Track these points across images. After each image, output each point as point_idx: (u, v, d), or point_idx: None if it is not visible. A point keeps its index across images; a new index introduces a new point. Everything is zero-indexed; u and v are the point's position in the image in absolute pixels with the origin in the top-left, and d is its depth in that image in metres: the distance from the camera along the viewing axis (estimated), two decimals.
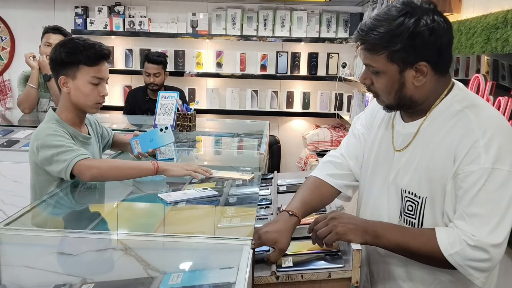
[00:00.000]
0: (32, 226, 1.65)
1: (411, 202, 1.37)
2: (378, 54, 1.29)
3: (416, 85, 1.31)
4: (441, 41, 1.28)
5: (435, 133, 1.33)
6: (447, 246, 1.26)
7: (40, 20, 4.74)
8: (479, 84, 1.99)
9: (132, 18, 4.87)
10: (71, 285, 1.19)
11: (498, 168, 1.22)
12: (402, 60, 1.28)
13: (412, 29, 1.25)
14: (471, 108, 1.31)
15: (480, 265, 1.24)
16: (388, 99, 1.37)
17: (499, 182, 1.22)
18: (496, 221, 1.22)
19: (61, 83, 1.93)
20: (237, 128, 3.83)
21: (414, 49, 1.26)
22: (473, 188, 1.23)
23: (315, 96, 5.05)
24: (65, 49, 1.92)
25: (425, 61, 1.28)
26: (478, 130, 1.25)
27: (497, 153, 1.23)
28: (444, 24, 1.28)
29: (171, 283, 1.17)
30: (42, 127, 1.92)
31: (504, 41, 1.83)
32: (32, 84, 3.42)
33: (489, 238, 1.22)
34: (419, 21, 1.25)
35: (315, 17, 4.85)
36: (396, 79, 1.31)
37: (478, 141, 1.24)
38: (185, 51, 4.97)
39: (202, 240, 1.47)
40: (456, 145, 1.27)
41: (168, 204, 1.71)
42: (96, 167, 1.80)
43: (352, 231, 1.35)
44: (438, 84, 1.34)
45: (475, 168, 1.23)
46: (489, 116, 1.30)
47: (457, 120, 1.30)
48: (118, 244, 1.45)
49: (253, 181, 2.01)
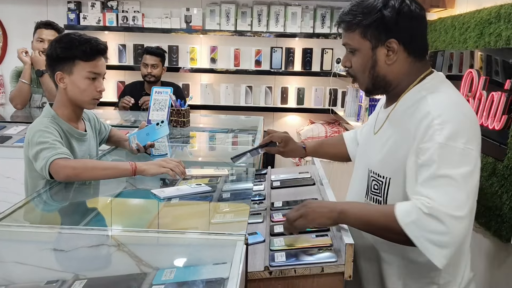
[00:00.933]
0: (24, 222, 1.64)
1: (376, 181, 1.46)
2: (352, 31, 1.43)
3: (388, 63, 1.41)
4: (410, 23, 1.39)
5: (400, 118, 1.42)
6: (404, 215, 1.26)
7: (32, 15, 4.71)
8: (472, 79, 2.00)
9: (126, 13, 4.84)
10: (64, 281, 1.18)
11: (451, 145, 1.26)
12: (374, 37, 1.40)
13: (380, 7, 1.38)
14: (432, 94, 1.38)
15: (437, 238, 1.22)
16: (364, 79, 1.46)
17: (454, 158, 1.26)
18: (451, 193, 1.24)
19: (57, 79, 1.92)
20: (231, 123, 3.82)
21: (384, 26, 1.38)
22: (429, 163, 1.27)
23: (310, 92, 5.04)
24: (61, 45, 1.91)
25: (395, 39, 1.38)
26: (434, 112, 1.31)
27: (450, 133, 1.27)
28: (416, 9, 1.39)
29: (164, 279, 1.17)
30: (36, 122, 1.91)
31: (497, 36, 1.83)
32: (24, 80, 3.40)
33: (446, 207, 1.22)
34: (388, 1, 1.38)
35: (309, 13, 4.84)
36: (369, 56, 1.42)
37: (433, 121, 1.30)
38: (179, 46, 4.95)
39: (195, 236, 1.47)
40: (415, 128, 1.33)
41: (161, 200, 1.71)
42: (71, 167, 1.76)
43: (320, 215, 1.40)
44: (413, 67, 1.43)
45: (430, 144, 1.28)
46: (445, 101, 1.36)
47: (418, 104, 1.37)
48: (111, 240, 1.44)
49: (247, 176, 2.01)
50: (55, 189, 1.84)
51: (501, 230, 1.75)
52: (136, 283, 1.17)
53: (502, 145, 1.77)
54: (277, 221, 1.66)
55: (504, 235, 1.74)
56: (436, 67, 2.45)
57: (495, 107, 1.81)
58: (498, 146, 1.81)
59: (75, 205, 1.84)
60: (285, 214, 1.49)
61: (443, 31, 2.36)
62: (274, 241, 1.50)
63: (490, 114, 1.84)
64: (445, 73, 2.34)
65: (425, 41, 1.45)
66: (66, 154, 1.79)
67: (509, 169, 1.71)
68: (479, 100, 1.93)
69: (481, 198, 1.89)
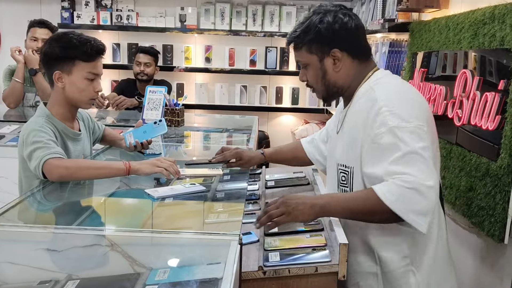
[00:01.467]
0: (17, 222, 1.63)
1: (343, 173, 1.57)
2: (300, 49, 1.59)
3: (336, 70, 1.57)
4: (346, 32, 1.54)
5: (355, 112, 1.56)
6: (387, 194, 1.35)
7: (26, 14, 4.66)
8: (466, 80, 2.00)
9: (120, 12, 4.82)
10: (56, 281, 1.18)
11: (404, 125, 1.39)
12: (318, 50, 1.56)
13: (317, 24, 1.54)
14: (378, 85, 1.53)
15: (420, 208, 1.34)
16: (318, 88, 1.62)
17: (409, 135, 1.38)
18: (421, 166, 1.35)
19: (55, 78, 1.90)
20: (226, 123, 3.81)
21: (323, 39, 1.54)
22: (389, 145, 1.39)
23: (304, 92, 5.04)
24: (60, 44, 1.89)
25: (337, 48, 1.54)
26: (381, 100, 1.45)
27: (399, 116, 1.41)
28: (348, 20, 1.55)
29: (158, 279, 1.16)
30: (30, 122, 1.90)
31: (491, 37, 1.83)
32: (17, 79, 3.38)
33: (421, 179, 1.34)
34: (323, 17, 1.55)
35: (304, 12, 4.84)
36: (318, 67, 1.58)
37: (382, 108, 1.43)
38: (173, 45, 4.94)
39: (189, 236, 1.46)
40: (366, 116, 1.47)
41: (155, 200, 1.70)
42: (64, 167, 1.75)
43: (301, 211, 1.44)
44: (359, 68, 1.58)
45: (384, 129, 1.40)
46: (390, 89, 1.52)
47: (368, 96, 1.52)
48: (104, 240, 1.44)
49: (242, 176, 2.01)
50: (48, 188, 1.82)
51: (494, 230, 1.76)
52: (129, 284, 1.17)
53: (496, 145, 1.78)
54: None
55: (497, 235, 1.74)
56: (430, 68, 2.45)
57: (489, 107, 1.81)
58: (491, 147, 1.81)
59: (68, 205, 1.83)
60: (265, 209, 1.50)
61: (437, 31, 2.37)
62: (268, 241, 1.50)
63: (483, 114, 1.84)
64: (439, 74, 2.36)
65: (365, 44, 1.61)
66: (59, 153, 1.78)
67: (502, 169, 1.72)
68: (472, 100, 1.94)
69: (474, 198, 1.90)
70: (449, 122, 2.10)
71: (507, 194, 1.70)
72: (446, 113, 2.15)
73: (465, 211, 1.97)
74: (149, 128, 2.20)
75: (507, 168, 1.70)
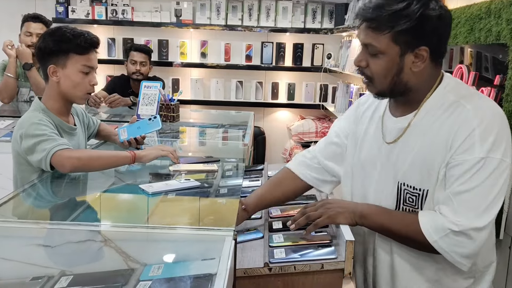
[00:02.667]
0: (10, 217, 1.62)
1: (411, 194, 1.36)
2: (382, 33, 1.27)
3: (413, 70, 1.30)
4: (445, 28, 1.30)
5: (431, 124, 1.32)
6: (431, 232, 1.26)
7: (20, 8, 4.63)
8: (462, 75, 2.00)
9: (115, 6, 4.80)
10: (50, 277, 1.17)
11: (491, 156, 1.23)
12: (405, 42, 1.27)
13: (422, 11, 1.23)
14: (467, 98, 1.30)
15: (464, 251, 1.25)
16: (382, 83, 1.34)
17: (490, 169, 1.23)
18: (483, 207, 1.23)
19: (50, 72, 1.89)
20: (222, 119, 3.81)
21: (420, 32, 1.25)
22: (464, 176, 1.24)
23: (300, 87, 5.04)
24: (54, 38, 1.89)
25: (427, 46, 1.27)
26: (475, 119, 1.25)
27: (492, 143, 1.23)
28: (446, 12, 1.29)
29: (152, 274, 1.16)
30: (27, 116, 1.89)
31: (487, 31, 1.83)
32: (9, 74, 3.35)
33: (473, 223, 1.22)
34: (427, 4, 1.24)
35: (300, 8, 4.83)
36: (395, 62, 1.29)
37: (474, 130, 1.24)
38: (169, 40, 4.92)
39: (183, 231, 1.46)
40: (454, 136, 1.26)
41: (149, 195, 1.69)
42: (76, 158, 1.77)
43: (341, 214, 1.41)
44: (433, 73, 1.34)
45: (469, 157, 1.24)
46: (485, 106, 1.30)
47: (453, 110, 1.29)
48: (98, 235, 1.43)
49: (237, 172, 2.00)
50: (42, 184, 1.81)
51: None
52: (123, 279, 1.16)
53: None
54: (275, 216, 1.65)
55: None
56: None
57: None
58: None
59: (62, 200, 1.83)
60: (303, 210, 1.48)
61: None
62: (273, 237, 1.48)
63: None
64: None
65: (446, 45, 1.36)
66: (67, 145, 1.80)
67: None
68: None
69: None
70: None
71: None
72: None
73: None
74: (143, 124, 2.19)
75: None
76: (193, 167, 2.01)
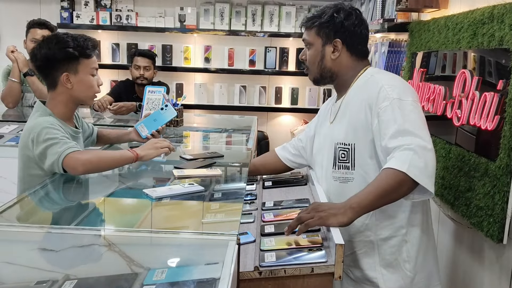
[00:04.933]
0: (15, 222, 1.63)
1: (343, 150, 1.75)
2: (311, 28, 1.80)
3: (332, 58, 1.78)
4: (353, 29, 1.77)
5: (354, 97, 1.76)
6: (401, 164, 1.50)
7: (25, 13, 4.65)
8: (465, 80, 2.00)
9: (119, 12, 4.82)
10: (54, 281, 1.17)
11: (403, 99, 1.63)
12: (325, 35, 1.78)
13: (333, 13, 1.77)
14: (377, 73, 1.79)
15: (427, 171, 1.52)
16: (313, 69, 1.82)
17: (409, 108, 1.61)
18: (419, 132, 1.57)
19: (64, 80, 1.91)
20: (225, 123, 3.81)
21: (333, 27, 1.76)
22: (392, 115, 1.60)
23: (304, 92, 5.04)
24: (60, 46, 1.89)
25: (340, 39, 1.76)
26: (382, 81, 1.69)
27: (399, 91, 1.65)
28: (359, 22, 1.78)
29: (155, 279, 1.16)
30: (39, 121, 1.88)
31: (490, 36, 1.83)
32: (13, 78, 3.36)
33: (424, 143, 1.54)
34: (339, 11, 1.78)
35: (303, 13, 4.84)
36: (319, 50, 1.79)
37: (383, 86, 1.66)
38: (172, 45, 4.94)
39: (187, 236, 1.46)
40: (368, 96, 1.68)
41: (153, 200, 1.70)
42: (87, 160, 1.81)
43: (333, 216, 1.47)
44: (355, 64, 1.80)
45: (387, 102, 1.62)
46: (389, 75, 1.79)
47: (367, 81, 1.75)
48: (101, 240, 1.43)
49: (240, 176, 2.00)
50: (46, 188, 1.82)
51: (493, 230, 1.75)
52: (127, 284, 1.16)
53: (495, 145, 1.77)
54: (267, 221, 1.65)
55: (496, 235, 1.74)
56: (430, 68, 2.45)
57: (488, 107, 1.81)
58: (490, 147, 1.81)
59: (66, 204, 1.83)
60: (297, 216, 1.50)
61: (436, 31, 2.36)
62: (265, 241, 1.49)
63: (482, 114, 1.84)
64: (438, 74, 2.35)
65: (364, 47, 1.83)
66: (77, 147, 1.83)
67: (501, 169, 1.71)
68: (472, 100, 1.93)
69: (473, 198, 1.89)
70: (448, 122, 2.10)
71: (505, 194, 1.70)
72: (445, 113, 2.15)
73: (464, 211, 1.97)
74: (157, 115, 2.23)
75: (505, 168, 1.70)
76: (197, 172, 2.02)
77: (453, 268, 2.21)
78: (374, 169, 1.69)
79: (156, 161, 2.21)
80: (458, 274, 2.15)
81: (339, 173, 1.76)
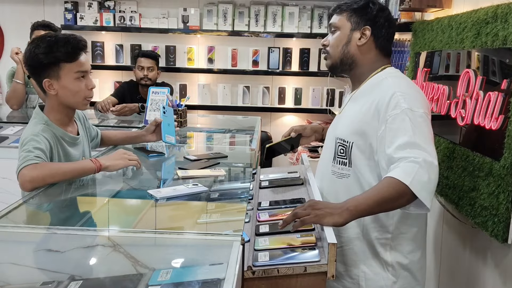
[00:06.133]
0: (19, 223, 1.63)
1: (342, 146, 1.75)
2: (342, 13, 1.79)
3: (358, 44, 1.76)
4: (384, 22, 1.77)
5: (364, 95, 1.75)
6: (404, 176, 1.49)
7: (29, 15, 4.69)
8: (469, 79, 2.00)
9: (123, 13, 4.83)
10: (59, 282, 1.18)
11: (415, 110, 1.60)
12: (356, 21, 1.77)
13: (369, 1, 1.77)
14: (393, 77, 1.73)
15: (429, 187, 1.51)
16: (335, 53, 1.79)
17: (419, 120, 1.59)
18: (427, 147, 1.55)
19: (46, 86, 1.85)
20: (229, 124, 3.82)
21: (365, 15, 1.76)
22: (402, 125, 1.57)
23: (307, 92, 5.04)
24: (41, 50, 1.82)
25: (370, 27, 1.75)
26: (395, 87, 1.65)
27: (411, 101, 1.61)
28: (390, 17, 1.80)
29: (160, 279, 1.16)
30: (30, 128, 1.87)
31: (494, 36, 1.83)
32: (18, 80, 3.38)
33: (430, 159, 1.52)
34: (374, 1, 1.79)
35: (307, 13, 4.84)
36: (346, 34, 1.77)
37: (395, 93, 1.62)
38: (176, 46, 4.95)
39: (191, 236, 1.47)
40: (379, 100, 1.65)
41: (157, 200, 1.70)
42: (36, 176, 1.72)
43: (330, 215, 1.47)
44: (377, 58, 1.78)
45: (398, 110, 1.59)
46: (403, 82, 1.73)
47: (380, 85, 1.71)
48: (106, 240, 1.44)
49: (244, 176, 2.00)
50: (51, 189, 1.83)
51: (498, 230, 1.75)
52: (132, 284, 1.17)
53: (499, 145, 1.77)
54: (262, 221, 1.65)
55: (501, 235, 1.73)
56: (433, 67, 2.44)
57: (492, 107, 1.80)
58: (494, 146, 1.81)
59: (71, 205, 1.84)
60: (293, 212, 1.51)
61: (440, 31, 2.36)
62: (259, 241, 1.49)
63: (487, 114, 1.84)
64: (442, 73, 2.35)
65: (390, 44, 1.83)
66: (34, 160, 1.73)
67: (505, 169, 1.71)
68: (476, 100, 1.93)
69: (478, 198, 1.89)
70: (452, 122, 2.10)
71: (510, 194, 1.70)
72: (449, 113, 2.15)
73: (468, 211, 1.97)
74: (166, 120, 2.32)
75: (510, 168, 1.69)
76: (201, 172, 2.03)
77: (457, 268, 2.20)
78: (370, 171, 1.69)
79: (161, 161, 2.22)
80: (463, 274, 2.15)
81: (336, 168, 1.77)
